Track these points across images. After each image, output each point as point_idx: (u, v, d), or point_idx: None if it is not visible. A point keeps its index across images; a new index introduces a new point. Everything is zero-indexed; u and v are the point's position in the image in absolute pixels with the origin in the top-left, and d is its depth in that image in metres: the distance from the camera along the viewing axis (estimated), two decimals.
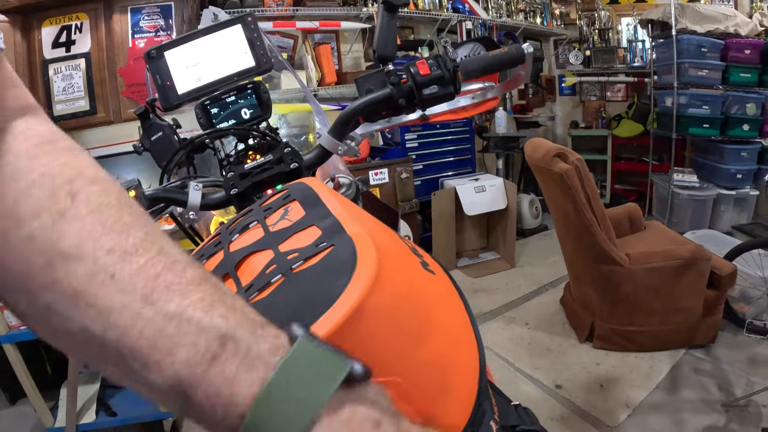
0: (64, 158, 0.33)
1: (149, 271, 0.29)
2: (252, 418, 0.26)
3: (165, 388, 0.27)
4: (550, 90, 6.53)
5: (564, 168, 2.69)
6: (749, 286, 3.15)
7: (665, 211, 4.89)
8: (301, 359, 0.27)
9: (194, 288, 0.29)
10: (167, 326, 0.27)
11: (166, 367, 0.27)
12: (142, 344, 0.27)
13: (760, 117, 4.66)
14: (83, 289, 0.28)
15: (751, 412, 2.40)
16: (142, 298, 0.28)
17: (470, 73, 0.91)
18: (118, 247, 0.29)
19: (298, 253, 0.41)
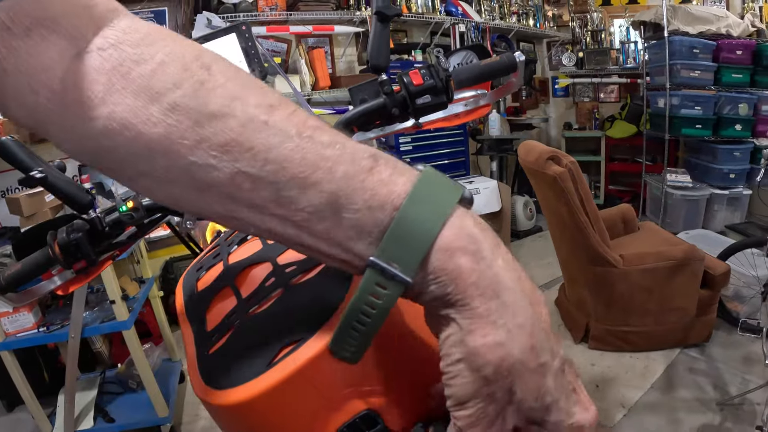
0: (181, 41, 0.35)
1: (296, 118, 0.33)
2: (406, 206, 0.31)
3: (316, 203, 0.32)
4: (543, 92, 6.55)
5: (557, 171, 2.71)
6: (743, 285, 3.17)
7: (659, 211, 4.91)
8: (433, 175, 0.34)
9: (335, 129, 0.34)
10: (325, 151, 0.32)
11: (326, 183, 0.32)
12: (303, 168, 0.31)
13: (752, 117, 4.70)
14: (235, 138, 0.31)
15: (745, 410, 2.42)
16: (298, 135, 0.32)
17: (462, 82, 0.92)
18: (263, 102, 0.33)
19: (296, 267, 0.43)
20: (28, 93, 0.33)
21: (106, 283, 2.14)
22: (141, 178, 0.35)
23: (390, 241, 0.32)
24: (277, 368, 0.37)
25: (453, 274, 0.31)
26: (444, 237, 0.32)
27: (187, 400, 2.85)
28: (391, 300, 0.32)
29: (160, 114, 0.32)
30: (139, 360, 2.32)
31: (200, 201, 0.34)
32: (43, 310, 2.34)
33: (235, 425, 0.41)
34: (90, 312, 2.29)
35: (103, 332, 2.26)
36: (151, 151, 0.33)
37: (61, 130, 0.34)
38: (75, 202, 0.77)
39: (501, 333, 0.31)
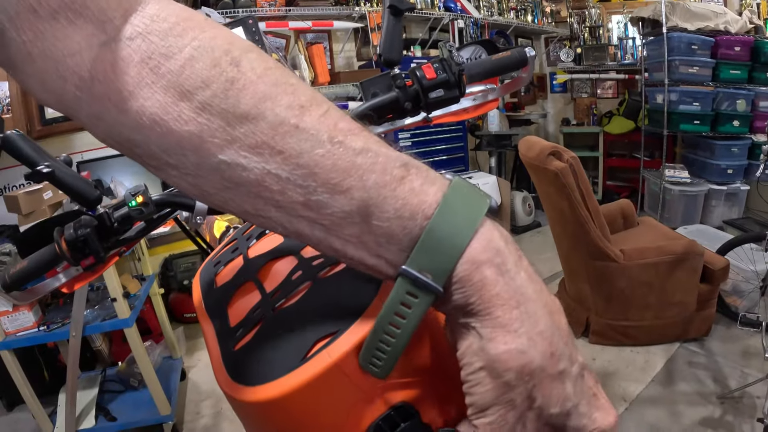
0: (211, 31, 0.34)
1: (328, 121, 0.33)
2: (437, 216, 0.32)
3: (346, 209, 0.32)
4: (541, 88, 6.55)
5: (559, 166, 2.71)
6: (741, 280, 3.18)
7: (657, 206, 4.92)
8: (464, 186, 0.34)
9: (365, 131, 0.34)
10: (357, 158, 0.32)
11: (357, 190, 0.32)
12: (334, 175, 0.32)
13: (750, 113, 4.71)
14: (267, 141, 0.32)
15: (745, 403, 2.44)
16: (329, 140, 0.32)
17: (474, 76, 0.92)
18: (294, 104, 0.33)
19: (324, 259, 0.42)
20: (56, 78, 0.33)
21: (108, 280, 2.13)
22: (170, 170, 0.35)
23: (421, 251, 0.32)
24: (312, 362, 0.37)
25: (478, 285, 0.32)
26: (472, 249, 0.32)
27: (189, 398, 2.84)
28: (422, 309, 0.33)
29: (190, 112, 0.32)
30: (140, 358, 2.31)
31: (228, 198, 0.35)
32: (44, 309, 2.33)
33: (266, 422, 0.40)
34: (91, 310, 2.28)
35: (104, 330, 2.24)
36: (182, 148, 0.33)
37: (90, 117, 0.34)
38: (83, 198, 0.76)
39: (522, 340, 0.32)
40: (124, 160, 3.26)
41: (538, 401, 0.33)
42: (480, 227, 0.33)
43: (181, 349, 3.17)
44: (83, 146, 3.32)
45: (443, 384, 0.39)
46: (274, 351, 0.39)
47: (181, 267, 3.62)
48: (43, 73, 0.33)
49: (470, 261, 0.32)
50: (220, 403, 2.76)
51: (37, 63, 0.32)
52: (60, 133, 3.28)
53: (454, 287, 0.32)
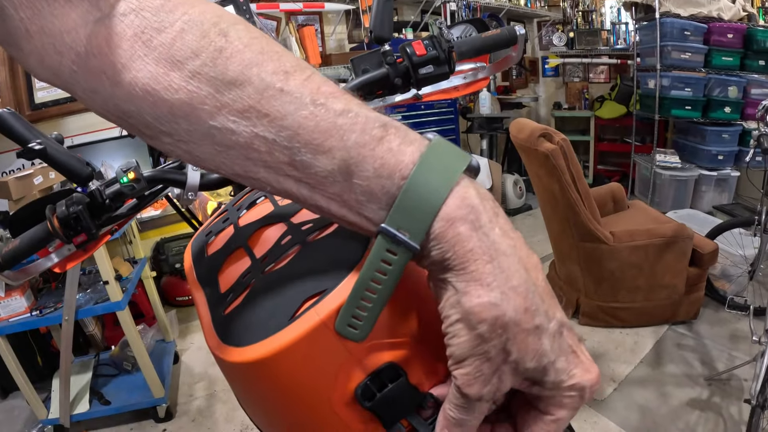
0: (200, 6, 0.36)
1: (311, 84, 0.34)
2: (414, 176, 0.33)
3: (328, 168, 0.34)
4: (533, 71, 6.55)
5: (549, 148, 2.73)
6: (730, 265, 3.21)
7: (647, 191, 4.95)
8: (442, 145, 0.35)
9: (347, 95, 0.36)
10: (338, 119, 0.34)
11: (338, 150, 0.33)
12: (316, 136, 0.33)
13: (741, 100, 4.72)
14: (253, 105, 0.33)
15: (732, 385, 2.47)
16: (312, 102, 0.34)
17: (464, 53, 0.92)
18: (279, 69, 0.34)
19: (312, 224, 0.43)
20: (53, 54, 0.35)
21: (99, 263, 2.13)
22: (164, 138, 0.36)
23: (399, 210, 0.33)
24: (300, 321, 0.37)
25: (452, 241, 0.33)
26: (447, 206, 0.33)
27: (182, 381, 2.86)
28: (401, 266, 0.34)
29: (181, 81, 0.34)
30: (133, 341, 2.32)
31: (221, 162, 0.36)
32: (36, 294, 2.33)
33: (255, 383, 0.40)
34: (83, 294, 2.28)
35: (96, 314, 2.25)
36: (174, 116, 0.35)
37: (86, 91, 0.36)
38: (75, 175, 0.76)
39: (495, 294, 0.33)
40: (114, 144, 3.25)
41: (513, 355, 0.34)
42: (456, 186, 0.34)
43: (174, 332, 3.18)
44: (73, 131, 3.30)
45: (431, 346, 0.39)
46: (263, 312, 0.39)
47: (172, 250, 3.62)
48: (41, 50, 0.35)
49: (445, 218, 0.33)
50: (213, 385, 2.78)
51: (35, 40, 0.34)
52: (49, 117, 3.26)
53: (431, 244, 0.34)
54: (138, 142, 3.03)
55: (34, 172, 2.37)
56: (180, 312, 3.56)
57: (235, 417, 2.51)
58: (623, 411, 2.36)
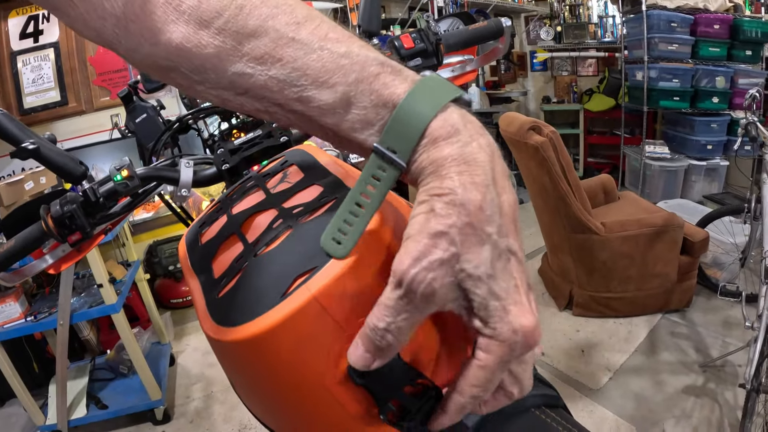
0: None
1: (319, 32, 0.40)
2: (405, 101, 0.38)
3: (331, 101, 0.39)
4: (521, 66, 6.57)
5: (539, 140, 2.74)
6: (721, 252, 3.24)
7: (638, 182, 4.98)
8: (433, 79, 0.39)
9: (352, 39, 0.41)
10: (341, 60, 0.39)
11: (340, 86, 0.39)
12: (322, 74, 0.39)
13: (729, 90, 4.75)
14: (269, 52, 0.39)
15: (727, 371, 2.50)
16: (319, 47, 0.39)
17: (451, 46, 0.94)
18: (292, 21, 0.39)
19: (303, 207, 0.43)
20: (96, 19, 0.40)
21: (93, 266, 2.12)
22: (196, 86, 0.42)
23: (389, 132, 0.38)
24: (291, 298, 0.37)
25: (433, 153, 0.37)
26: (431, 127, 0.37)
27: (179, 383, 2.86)
28: (389, 181, 0.38)
29: (209, 38, 0.39)
30: (129, 344, 2.32)
31: (243, 101, 0.42)
32: (30, 300, 2.32)
33: (248, 362, 0.41)
34: (77, 298, 2.28)
35: (91, 317, 2.24)
36: (204, 68, 0.40)
37: (127, 50, 0.42)
38: (68, 174, 0.77)
39: (455, 183, 0.36)
40: (104, 147, 3.24)
41: (457, 247, 0.35)
42: (441, 111, 0.38)
43: (169, 335, 3.18)
44: (63, 135, 3.30)
45: (423, 328, 0.40)
46: (256, 292, 0.40)
47: (165, 253, 3.62)
48: (85, 15, 0.40)
49: (429, 136, 0.37)
50: (211, 386, 2.78)
51: (79, 7, 0.40)
52: (39, 122, 3.26)
53: (415, 159, 0.38)
54: (128, 145, 3.05)
55: (24, 178, 2.37)
56: (175, 314, 3.56)
57: (233, 417, 2.51)
58: (619, 399, 2.38)
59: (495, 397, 0.41)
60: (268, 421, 0.49)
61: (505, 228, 0.37)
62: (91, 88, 3.46)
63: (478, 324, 0.37)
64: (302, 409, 0.41)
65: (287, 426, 0.47)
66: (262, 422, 0.51)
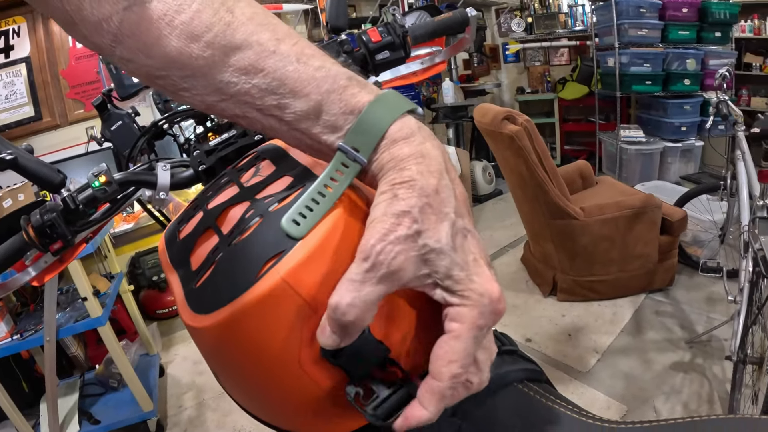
0: None
1: (297, 48, 0.44)
2: (368, 108, 0.42)
3: (305, 108, 0.43)
4: (494, 58, 6.62)
5: (513, 129, 2.77)
6: (701, 231, 3.29)
7: (615, 167, 5.04)
8: (392, 93, 0.45)
9: (325, 56, 0.45)
10: (316, 73, 0.43)
11: (314, 94, 0.43)
12: (298, 85, 0.43)
13: (700, 71, 4.83)
14: (252, 63, 0.43)
15: (713, 346, 2.54)
16: (296, 60, 0.43)
17: (418, 38, 0.95)
18: (273, 37, 0.44)
19: (273, 197, 0.45)
20: (96, 35, 0.44)
21: (76, 280, 2.11)
22: (183, 92, 0.46)
23: (354, 132, 0.42)
24: (262, 281, 0.38)
25: (393, 152, 0.41)
26: (390, 130, 0.42)
27: (170, 393, 2.85)
28: (350, 176, 0.42)
29: (199, 51, 0.43)
30: (117, 356, 2.31)
31: (225, 106, 0.46)
32: (15, 318, 2.30)
33: (224, 346, 0.42)
34: (62, 313, 2.27)
35: (77, 331, 2.22)
36: (194, 77, 0.45)
37: (122, 61, 0.46)
38: (47, 182, 0.77)
39: (413, 172, 0.40)
40: (80, 161, 3.22)
41: (417, 225, 0.38)
42: (400, 117, 0.43)
43: (157, 345, 3.17)
44: (38, 150, 3.24)
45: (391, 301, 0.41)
46: (230, 278, 0.41)
47: (148, 264, 3.60)
48: (85, 32, 0.44)
49: (389, 138, 0.42)
50: (202, 393, 2.77)
51: (80, 26, 0.44)
52: (14, 138, 3.22)
53: (376, 157, 0.42)
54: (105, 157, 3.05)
55: (2, 195, 2.34)
56: (161, 325, 3.54)
57: (226, 423, 2.51)
58: (608, 380, 2.41)
59: None
60: (252, 407, 0.50)
61: (459, 210, 0.41)
62: (64, 102, 3.44)
63: (445, 295, 0.40)
64: (280, 391, 0.42)
65: (268, 410, 0.48)
66: (245, 410, 0.52)
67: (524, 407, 0.59)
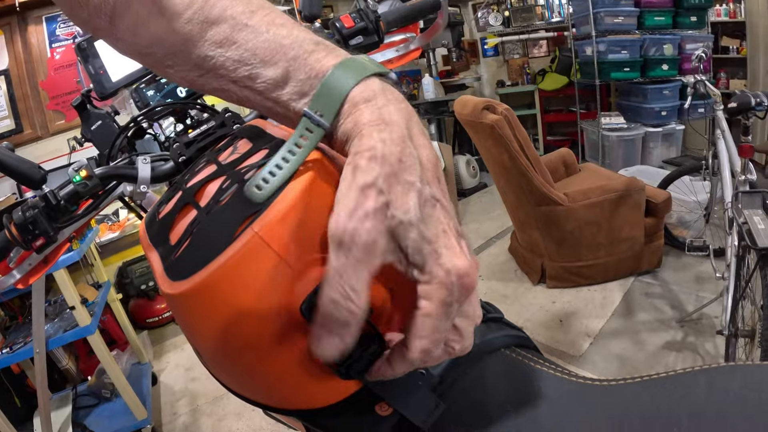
0: None
1: (267, 19, 0.46)
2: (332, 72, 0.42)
3: (275, 76, 0.44)
4: (473, 53, 6.66)
5: (493, 119, 2.79)
6: (685, 212, 3.33)
7: (597, 155, 5.07)
8: (363, 57, 0.45)
9: (296, 25, 0.46)
10: (284, 41, 0.44)
11: (281, 62, 0.44)
12: (267, 54, 0.44)
13: (677, 56, 4.87)
14: (227, 37, 0.45)
15: (704, 323, 2.57)
16: (266, 31, 0.45)
17: (391, 23, 0.96)
18: (246, 10, 0.46)
19: (247, 167, 0.45)
20: (95, 17, 0.48)
21: (63, 289, 2.10)
22: (168, 69, 0.49)
23: (317, 97, 0.43)
24: (238, 240, 0.39)
25: (355, 116, 0.41)
26: (353, 93, 0.42)
27: (164, 401, 2.84)
28: (314, 141, 0.42)
29: (179, 27, 0.46)
30: (109, 365, 2.29)
31: (205, 81, 0.48)
32: (3, 332, 2.28)
33: (204, 312, 0.41)
34: (51, 324, 2.25)
35: (67, 341, 2.21)
36: (174, 53, 0.47)
37: (113, 41, 0.50)
38: (28, 179, 0.77)
39: (375, 140, 0.39)
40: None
41: (386, 195, 0.37)
42: (364, 79, 0.42)
43: (148, 354, 3.16)
44: None
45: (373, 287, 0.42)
46: (207, 243, 0.41)
47: (136, 273, 3.59)
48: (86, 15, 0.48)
49: (350, 101, 0.42)
50: (196, 400, 2.77)
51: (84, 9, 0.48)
52: None
53: (339, 122, 0.42)
54: None
55: None
56: (152, 333, 3.54)
57: (221, 428, 2.51)
58: (602, 363, 2.43)
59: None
60: (234, 382, 0.50)
61: (426, 178, 0.40)
62: (45, 113, 3.42)
63: (416, 272, 0.38)
64: (261, 356, 0.42)
65: (250, 381, 0.48)
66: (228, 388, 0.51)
67: (512, 371, 0.60)
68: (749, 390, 0.47)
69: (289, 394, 0.46)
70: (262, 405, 0.51)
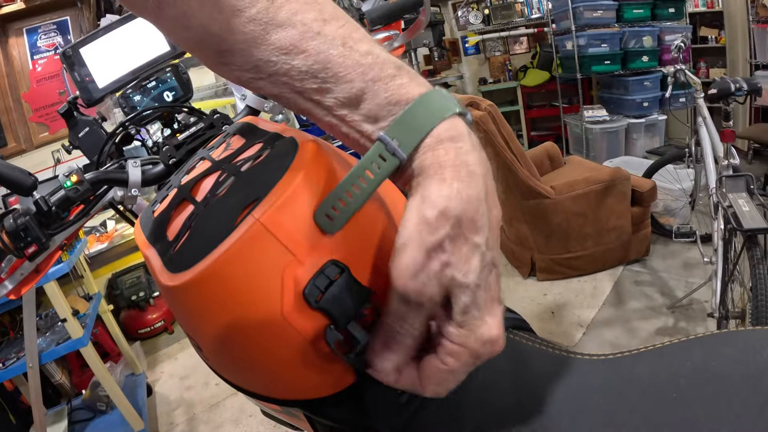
0: None
1: (343, 30, 0.42)
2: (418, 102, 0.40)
3: (348, 95, 0.41)
4: (454, 52, 6.67)
5: (477, 115, 2.81)
6: (671, 200, 3.36)
7: (582, 148, 5.10)
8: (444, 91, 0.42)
9: (373, 41, 0.43)
10: (362, 59, 0.41)
11: (358, 81, 0.41)
12: (341, 69, 0.41)
13: (657, 48, 4.91)
14: (294, 43, 0.41)
15: (694, 308, 2.59)
16: (342, 44, 0.41)
17: (375, 20, 0.97)
18: (319, 17, 0.42)
19: (243, 160, 0.46)
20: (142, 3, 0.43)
21: (54, 302, 2.09)
22: (222, 66, 0.45)
23: (398, 124, 0.40)
24: (238, 228, 0.39)
25: (437, 154, 0.39)
26: (438, 129, 0.39)
27: (160, 411, 2.82)
28: (387, 171, 0.40)
29: (239, 26, 0.41)
30: (103, 377, 2.28)
31: (262, 85, 0.44)
32: None
33: (204, 303, 0.41)
34: (43, 338, 2.24)
35: (59, 354, 2.19)
36: (232, 51, 0.43)
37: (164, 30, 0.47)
38: (18, 185, 0.77)
39: (451, 190, 0.37)
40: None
41: (447, 255, 0.37)
42: (449, 117, 0.40)
43: (142, 365, 3.14)
44: None
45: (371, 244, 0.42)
46: (207, 234, 0.41)
47: (126, 284, 3.57)
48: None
49: (435, 136, 0.39)
50: (192, 408, 2.76)
51: None
52: None
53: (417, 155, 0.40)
54: None
55: None
56: (145, 344, 3.52)
57: None
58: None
59: None
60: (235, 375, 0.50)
61: (491, 239, 0.40)
62: (28, 126, 3.40)
63: (452, 329, 0.40)
64: (264, 347, 0.42)
65: (251, 374, 0.48)
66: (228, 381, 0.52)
67: (514, 350, 0.61)
68: (747, 352, 0.49)
69: (292, 384, 0.46)
70: (264, 397, 0.51)
